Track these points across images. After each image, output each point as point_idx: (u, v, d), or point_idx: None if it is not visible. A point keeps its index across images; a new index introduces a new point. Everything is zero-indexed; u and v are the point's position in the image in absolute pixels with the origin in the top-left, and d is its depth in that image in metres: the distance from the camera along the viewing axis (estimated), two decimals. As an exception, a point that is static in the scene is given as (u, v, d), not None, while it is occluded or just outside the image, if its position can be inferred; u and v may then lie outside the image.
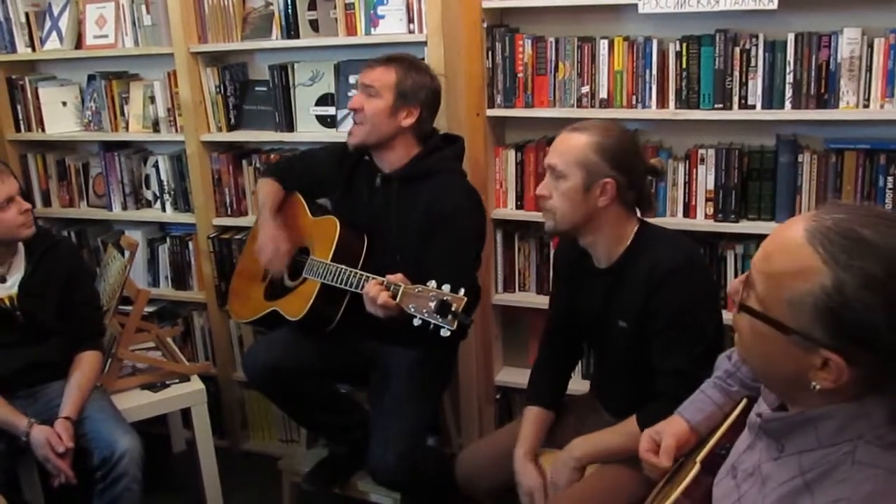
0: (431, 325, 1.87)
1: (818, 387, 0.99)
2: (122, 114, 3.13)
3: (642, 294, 1.78)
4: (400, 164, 2.28)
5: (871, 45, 2.15)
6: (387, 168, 2.31)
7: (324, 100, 2.82)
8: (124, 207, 3.22)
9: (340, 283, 2.17)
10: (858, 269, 0.94)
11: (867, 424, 1.00)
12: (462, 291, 1.86)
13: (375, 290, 1.98)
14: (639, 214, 1.90)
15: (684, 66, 2.34)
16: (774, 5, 2.15)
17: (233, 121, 2.98)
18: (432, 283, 1.90)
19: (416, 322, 1.89)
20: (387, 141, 2.26)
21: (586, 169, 1.78)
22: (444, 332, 1.85)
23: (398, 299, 1.94)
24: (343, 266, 2.19)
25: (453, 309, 1.84)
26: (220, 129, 2.96)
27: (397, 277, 1.99)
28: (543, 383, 2.09)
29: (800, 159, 2.30)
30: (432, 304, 1.87)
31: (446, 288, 1.88)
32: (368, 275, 2.10)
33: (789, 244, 1.00)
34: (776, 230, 1.05)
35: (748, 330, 1.07)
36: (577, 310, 2.00)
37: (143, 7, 2.92)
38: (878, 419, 0.99)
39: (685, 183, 2.42)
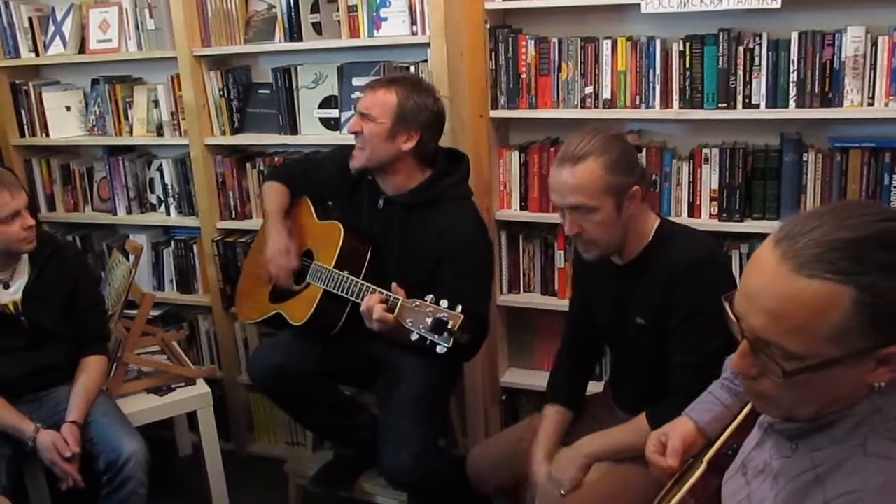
0: (428, 342, 1.86)
1: (882, 384, 0.98)
2: (126, 118, 3.13)
3: (662, 289, 1.77)
4: (404, 188, 2.24)
5: (874, 44, 2.15)
6: (390, 191, 2.27)
7: (327, 102, 2.81)
8: (129, 211, 3.22)
9: (342, 292, 2.17)
10: (873, 266, 0.93)
11: (879, 418, 1.00)
12: (459, 308, 1.85)
13: (372, 303, 1.98)
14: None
15: (688, 65, 2.33)
16: (778, 4, 2.15)
17: (236, 124, 2.98)
18: (430, 297, 1.89)
19: (413, 337, 1.89)
20: (388, 164, 2.21)
21: (614, 191, 1.74)
22: (441, 349, 1.85)
23: (396, 312, 1.94)
24: (346, 274, 2.18)
25: (449, 326, 1.83)
26: (223, 133, 2.96)
27: (397, 290, 1.98)
28: (562, 382, 2.09)
29: (804, 158, 2.29)
30: (429, 321, 1.86)
31: (444, 304, 1.87)
32: (370, 286, 2.09)
33: (792, 292, 0.95)
34: (756, 292, 0.99)
35: (786, 389, 1.00)
36: (593, 308, 2.00)
37: (147, 11, 2.92)
38: (890, 412, 0.99)
39: (689, 183, 2.41)
